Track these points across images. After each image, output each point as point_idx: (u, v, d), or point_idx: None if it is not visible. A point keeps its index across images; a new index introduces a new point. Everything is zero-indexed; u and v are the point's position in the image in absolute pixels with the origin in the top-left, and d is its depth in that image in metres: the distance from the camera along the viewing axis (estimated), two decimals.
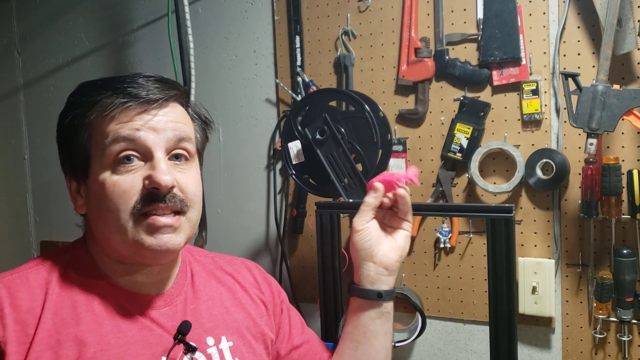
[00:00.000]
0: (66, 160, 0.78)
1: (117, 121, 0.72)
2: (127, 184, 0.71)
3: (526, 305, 1.32)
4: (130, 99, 0.72)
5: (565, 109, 1.19)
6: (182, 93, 0.80)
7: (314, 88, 1.52)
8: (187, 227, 0.76)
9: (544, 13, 1.29)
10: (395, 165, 1.46)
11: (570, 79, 1.14)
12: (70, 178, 0.78)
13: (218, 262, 0.94)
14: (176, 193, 0.74)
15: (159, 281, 0.81)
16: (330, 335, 1.15)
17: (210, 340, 0.81)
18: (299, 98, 1.54)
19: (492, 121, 1.36)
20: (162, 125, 0.74)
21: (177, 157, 0.76)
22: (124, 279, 0.78)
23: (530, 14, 1.30)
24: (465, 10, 1.36)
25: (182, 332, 0.77)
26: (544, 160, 1.28)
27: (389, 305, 0.91)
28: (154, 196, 0.71)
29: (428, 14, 1.40)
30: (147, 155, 0.73)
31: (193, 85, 1.47)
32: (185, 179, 0.76)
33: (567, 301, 1.31)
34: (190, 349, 0.77)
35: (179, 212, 0.74)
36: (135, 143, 0.72)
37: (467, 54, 1.37)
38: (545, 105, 1.30)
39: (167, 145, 0.74)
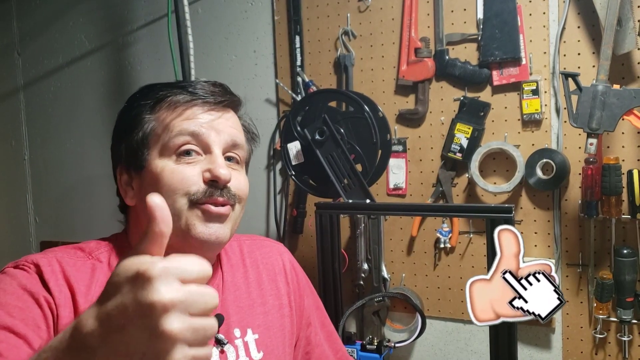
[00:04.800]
0: (122, 152, 0.80)
1: (184, 117, 0.76)
2: (187, 172, 0.75)
3: None
4: (196, 98, 0.77)
5: (565, 108, 1.19)
6: (239, 102, 0.84)
7: (314, 88, 1.52)
8: (232, 220, 0.79)
9: (544, 13, 1.29)
10: (395, 165, 1.46)
11: (570, 79, 1.14)
12: (123, 171, 0.80)
13: (247, 246, 0.94)
14: (230, 188, 0.77)
15: None
16: None
17: (237, 332, 0.82)
18: (299, 98, 1.54)
19: (492, 121, 1.35)
20: (222, 127, 0.78)
21: (229, 159, 0.80)
22: None
23: (530, 14, 1.30)
24: (465, 10, 1.36)
25: None
26: (544, 160, 1.28)
27: None
28: (213, 188, 0.75)
29: (428, 14, 1.40)
30: (206, 150, 0.77)
31: None
32: (237, 176, 0.79)
33: (567, 301, 1.31)
34: (220, 343, 0.78)
35: (230, 204, 0.78)
36: (198, 139, 0.76)
37: (467, 53, 1.37)
38: (546, 105, 1.30)
39: (224, 147, 0.78)
